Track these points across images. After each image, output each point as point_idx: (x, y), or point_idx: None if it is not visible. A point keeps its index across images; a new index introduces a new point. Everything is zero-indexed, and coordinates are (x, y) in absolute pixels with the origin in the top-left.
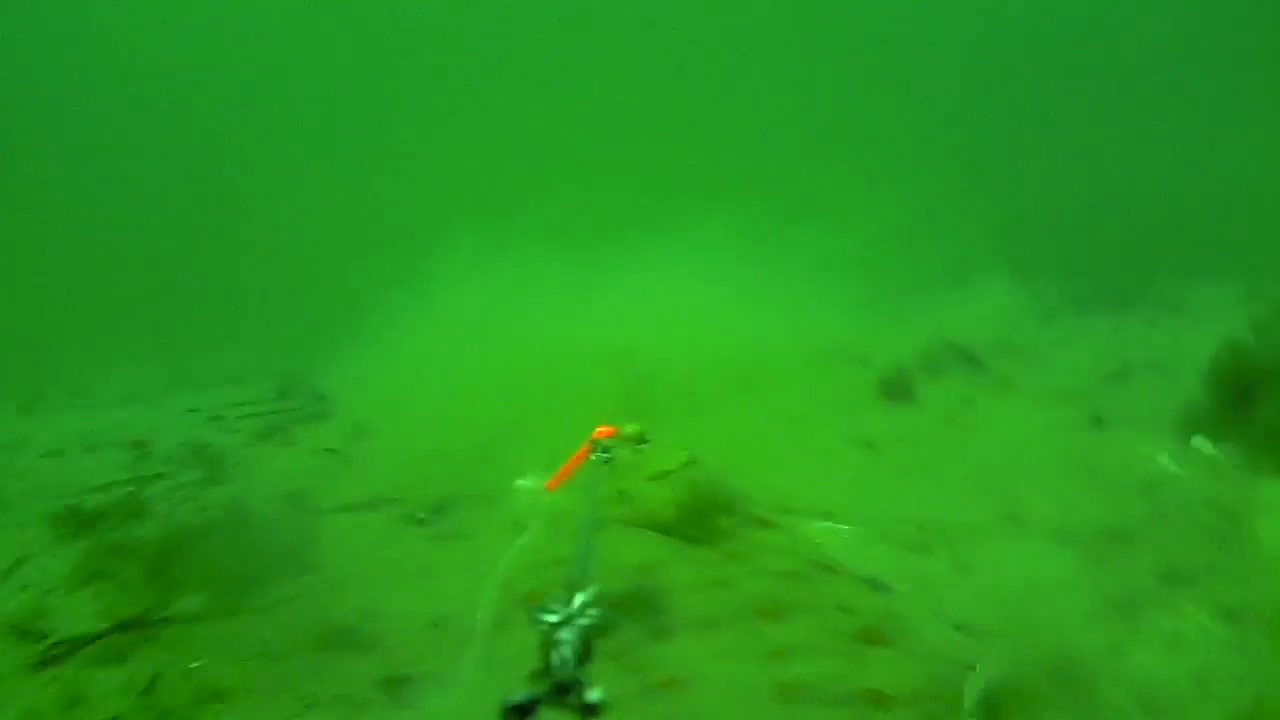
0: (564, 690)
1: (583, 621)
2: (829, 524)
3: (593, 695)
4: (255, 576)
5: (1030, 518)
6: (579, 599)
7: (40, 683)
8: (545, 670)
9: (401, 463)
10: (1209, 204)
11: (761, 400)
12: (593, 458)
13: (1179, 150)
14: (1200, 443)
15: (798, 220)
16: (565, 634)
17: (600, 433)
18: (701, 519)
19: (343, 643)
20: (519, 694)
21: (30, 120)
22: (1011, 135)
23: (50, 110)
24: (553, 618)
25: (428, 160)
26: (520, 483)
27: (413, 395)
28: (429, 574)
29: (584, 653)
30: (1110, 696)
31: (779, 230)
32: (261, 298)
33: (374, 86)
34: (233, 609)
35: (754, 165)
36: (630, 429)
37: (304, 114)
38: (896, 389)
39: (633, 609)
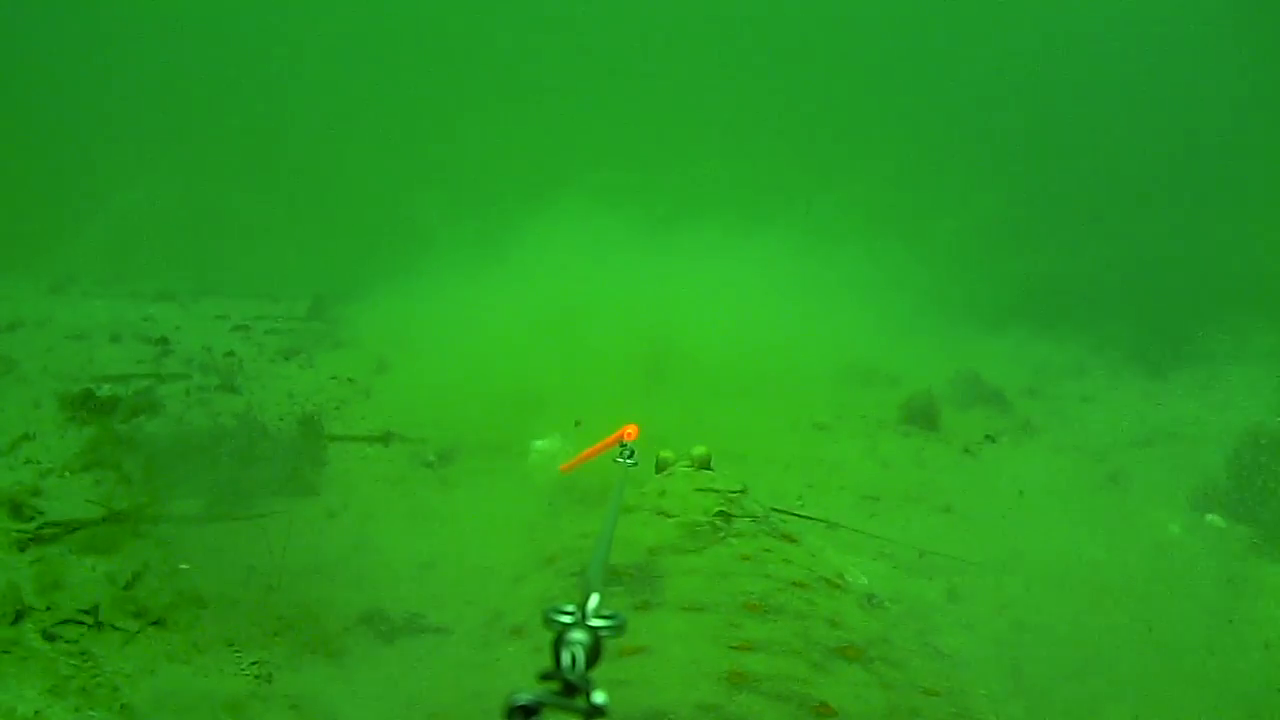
0: (572, 692)
1: (596, 624)
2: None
3: (599, 698)
4: (256, 490)
5: (1032, 561)
6: (593, 601)
7: (24, 560)
8: (555, 670)
9: (418, 404)
10: (1255, 285)
11: (785, 404)
12: (617, 460)
13: (1231, 228)
14: (1214, 520)
15: (847, 239)
16: (578, 635)
17: (628, 431)
18: (727, 521)
19: (330, 571)
20: (526, 694)
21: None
22: (1071, 193)
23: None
24: (567, 618)
25: (502, 116)
26: (538, 444)
27: (439, 340)
28: (427, 516)
29: (594, 655)
30: None
31: (829, 245)
32: (306, 220)
33: (450, 29)
34: (228, 518)
35: (816, 180)
36: (698, 451)
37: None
38: (921, 415)
39: (630, 580)
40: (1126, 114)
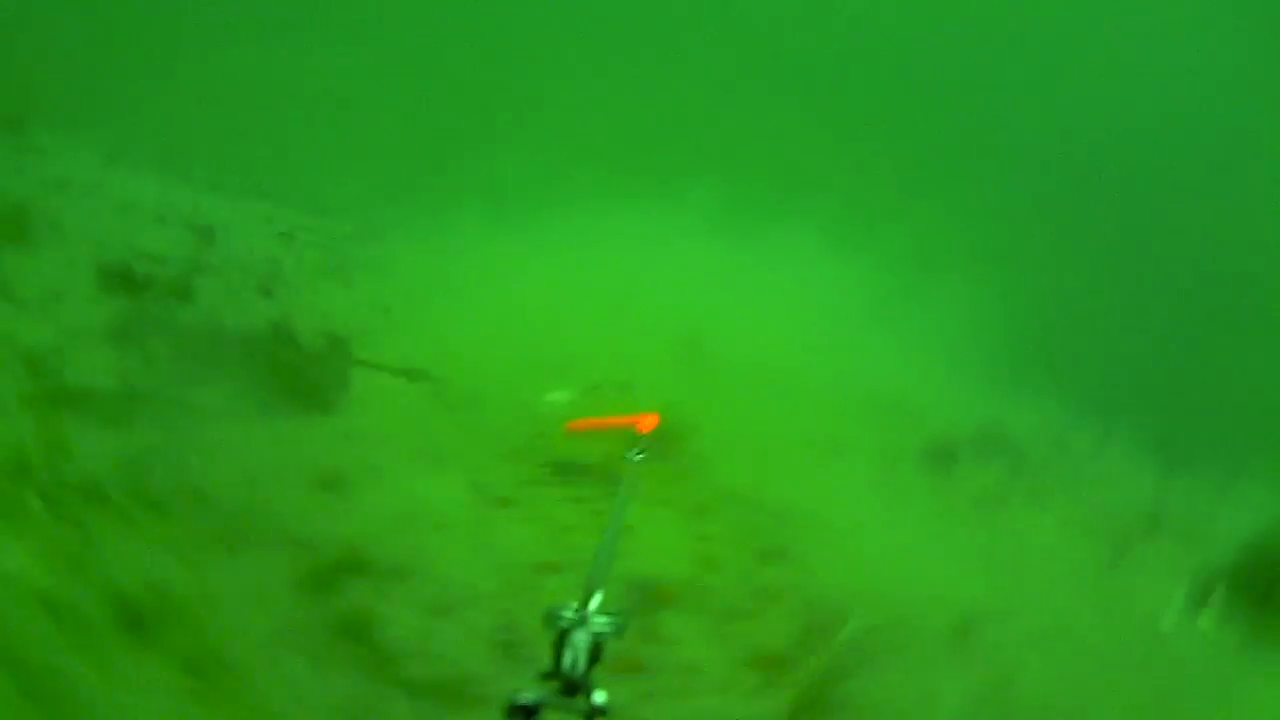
0: (573, 691)
1: (597, 624)
2: None
3: (599, 698)
4: (276, 398)
5: (1020, 624)
6: (595, 601)
7: (33, 419)
8: (556, 670)
9: (447, 343)
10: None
11: (797, 418)
12: (626, 455)
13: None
14: (1210, 615)
15: (885, 266)
16: (580, 635)
17: (646, 421)
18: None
19: (331, 489)
20: (527, 694)
21: None
22: (1113, 265)
23: None
24: (568, 618)
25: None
26: (550, 397)
27: (478, 285)
28: (435, 455)
29: (595, 656)
30: None
31: (867, 270)
32: (366, 140)
33: None
34: (245, 419)
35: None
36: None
37: None
38: (937, 457)
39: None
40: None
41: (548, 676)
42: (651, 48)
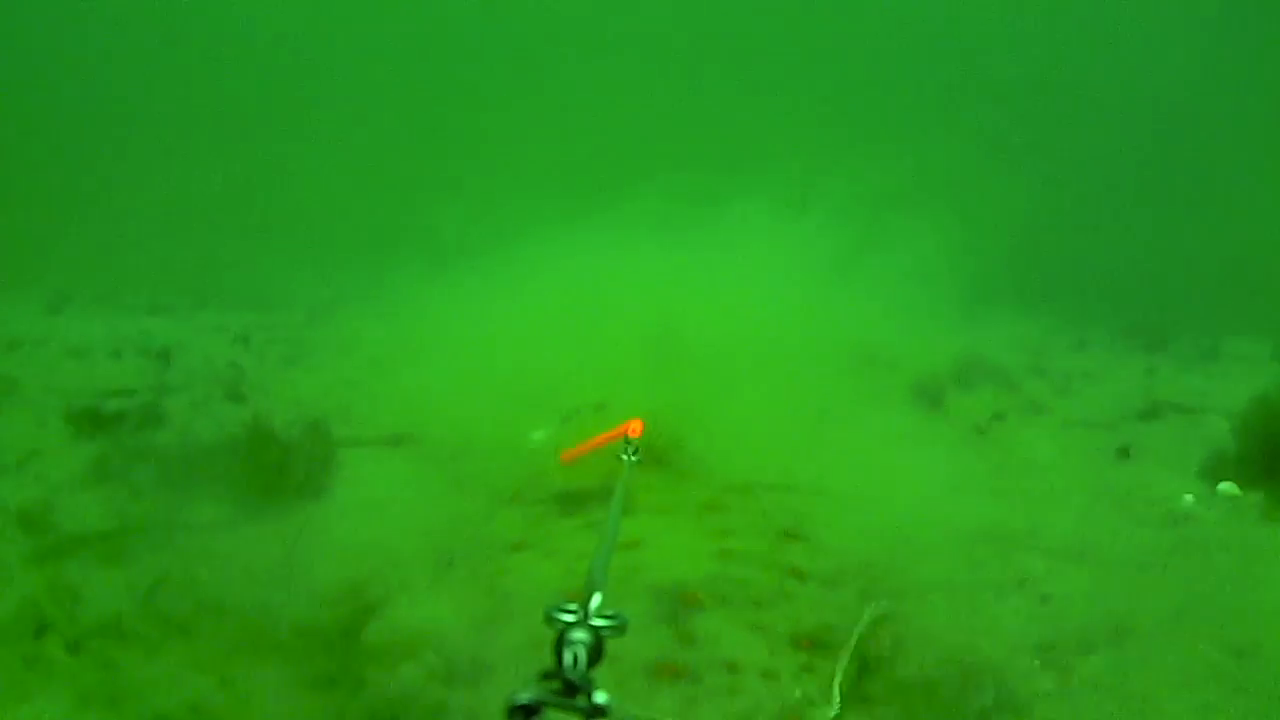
0: (573, 691)
1: (598, 623)
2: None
3: (600, 697)
4: (268, 497)
5: (1048, 535)
6: (596, 599)
7: (41, 576)
8: (557, 670)
9: (424, 404)
10: (1253, 258)
11: (783, 392)
12: (621, 457)
13: (1229, 205)
14: (1226, 488)
15: (839, 222)
16: (580, 634)
17: (633, 427)
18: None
19: (341, 569)
20: (527, 693)
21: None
22: (1061, 171)
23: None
24: (569, 617)
25: (494, 117)
26: (535, 435)
27: (439, 338)
28: (438, 515)
29: (596, 654)
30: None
31: (821, 229)
32: (297, 228)
33: (444, 43)
34: (242, 525)
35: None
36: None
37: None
38: (927, 396)
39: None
40: (1138, 108)
41: (548, 676)
42: (573, 67)
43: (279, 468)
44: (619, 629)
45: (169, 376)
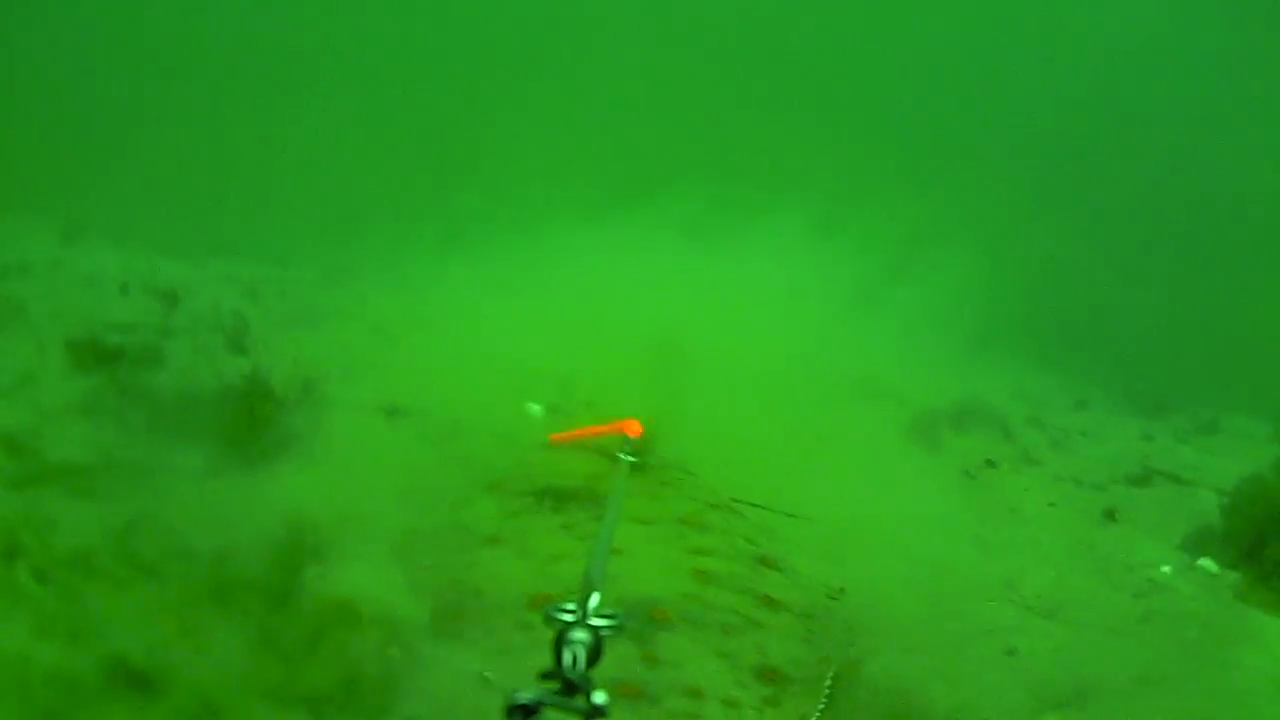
0: (572, 691)
1: (596, 622)
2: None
3: (599, 698)
4: (256, 450)
5: (1023, 586)
6: (594, 599)
7: (19, 499)
8: (556, 669)
9: (421, 377)
10: (1262, 336)
11: (781, 415)
12: (620, 455)
13: (1245, 279)
14: (1206, 564)
15: (857, 250)
16: (579, 634)
17: (631, 426)
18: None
19: (316, 544)
20: (526, 693)
21: None
22: (1079, 227)
23: None
24: (568, 616)
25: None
26: (531, 407)
27: (445, 316)
28: (420, 494)
29: (595, 654)
30: None
31: (839, 255)
32: (320, 185)
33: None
34: (226, 475)
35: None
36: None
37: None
38: (923, 434)
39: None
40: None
41: (547, 676)
42: (604, 62)
43: (270, 422)
44: (618, 629)
45: (174, 319)
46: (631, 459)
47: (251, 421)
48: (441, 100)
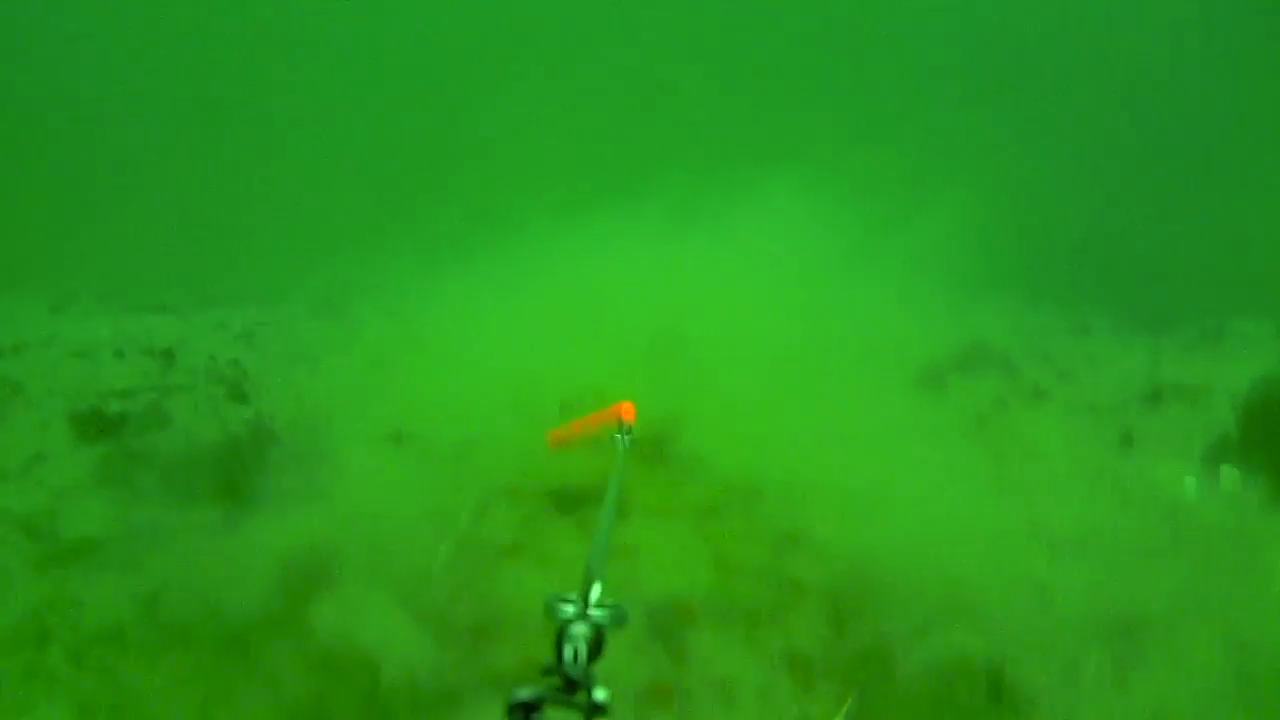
0: (573, 687)
1: (598, 616)
2: None
3: (599, 694)
4: (272, 498)
5: (1049, 525)
6: (596, 592)
7: (44, 583)
8: (557, 665)
9: (424, 399)
10: (1255, 238)
11: (785, 380)
12: (615, 436)
13: (1231, 187)
14: (1228, 472)
15: (838, 207)
16: (580, 628)
17: (625, 409)
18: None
19: (345, 574)
20: (527, 691)
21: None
22: (1064, 156)
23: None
24: (569, 609)
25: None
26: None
27: (441, 334)
28: (438, 515)
29: (596, 649)
30: (1115, 709)
31: (819, 214)
32: (300, 222)
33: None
34: (245, 528)
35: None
36: None
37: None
38: (929, 383)
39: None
40: (1144, 90)
41: (548, 672)
42: (580, 60)
43: (279, 468)
44: (619, 620)
45: (172, 376)
46: (626, 441)
47: (261, 469)
48: (414, 116)
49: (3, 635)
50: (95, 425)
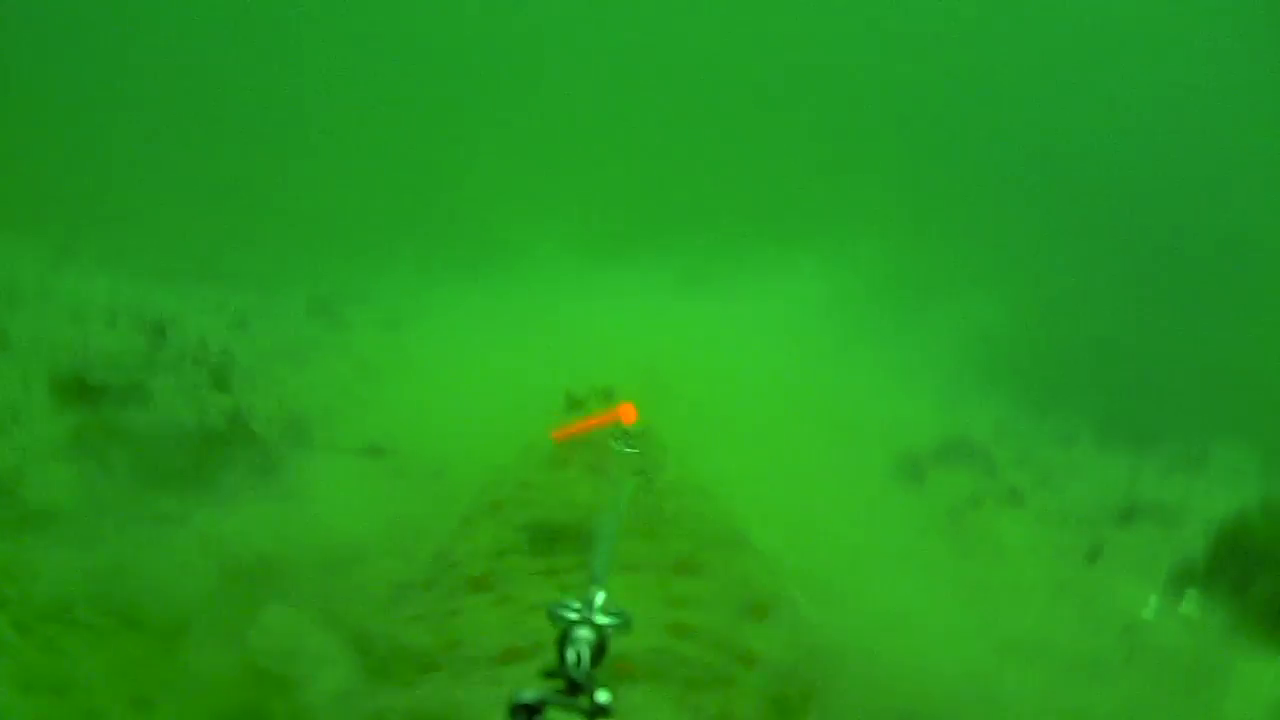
0: (576, 690)
1: (600, 620)
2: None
3: (602, 696)
4: (238, 494)
5: (1004, 628)
6: (598, 597)
7: (2, 547)
8: (560, 668)
9: (406, 415)
10: (1252, 366)
11: (768, 435)
12: (615, 444)
13: (1236, 309)
14: (1190, 601)
15: (844, 292)
16: (583, 632)
17: (625, 411)
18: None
19: (289, 586)
20: (529, 693)
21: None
22: (1069, 261)
23: None
24: (572, 615)
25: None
26: None
27: (431, 352)
28: (404, 535)
29: (599, 652)
30: None
31: (813, 291)
32: (311, 212)
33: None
34: (208, 520)
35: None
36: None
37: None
38: (908, 469)
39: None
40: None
41: (551, 674)
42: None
43: (251, 466)
44: (624, 626)
45: (160, 354)
46: (629, 450)
47: (234, 464)
48: (430, 136)
49: None
50: (75, 392)
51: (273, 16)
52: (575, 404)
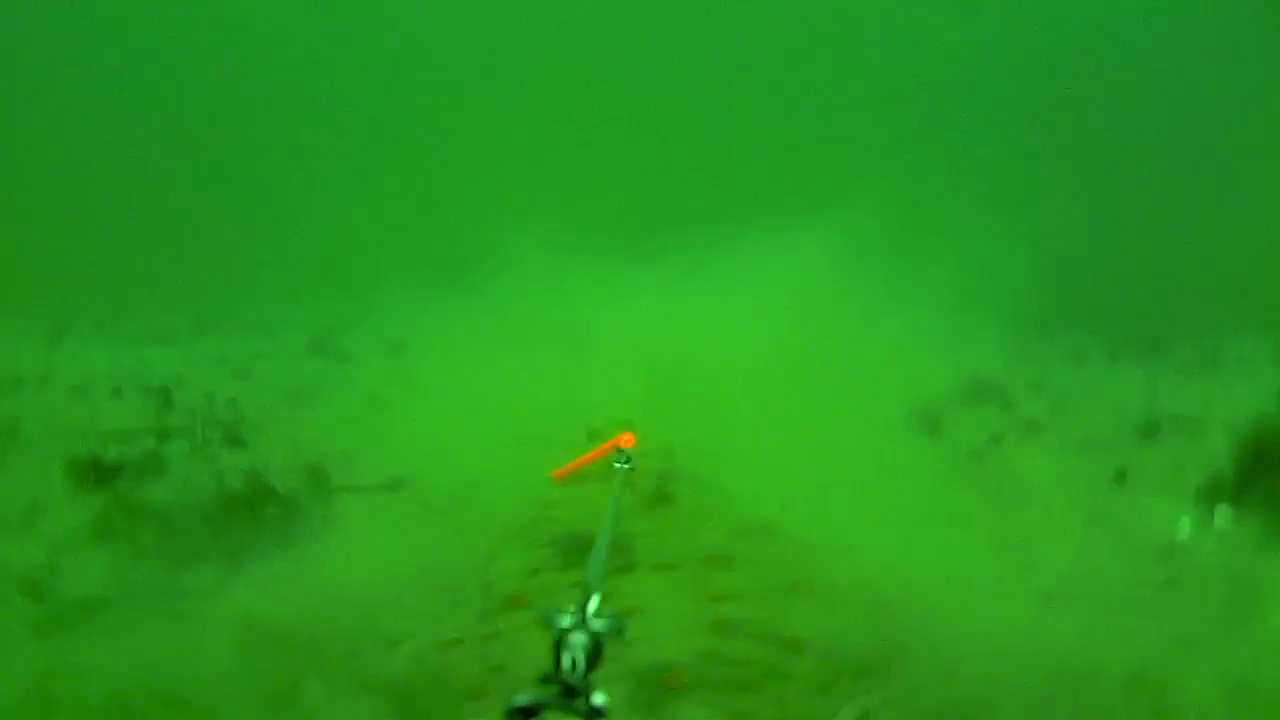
0: (572, 694)
1: (596, 626)
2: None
3: (598, 699)
4: (267, 554)
5: (1043, 571)
6: (594, 603)
7: (46, 649)
8: (555, 673)
9: (422, 443)
10: (1250, 257)
11: (781, 415)
12: (615, 465)
13: (1224, 204)
14: (1222, 512)
15: (841, 240)
16: (578, 637)
17: (624, 440)
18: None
19: (351, 638)
20: (525, 697)
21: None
22: (1055, 180)
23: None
24: (567, 621)
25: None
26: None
27: (439, 371)
28: (436, 566)
29: (594, 657)
30: None
31: (822, 246)
32: (299, 252)
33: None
34: (242, 588)
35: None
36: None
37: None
38: (924, 419)
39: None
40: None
41: (547, 679)
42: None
43: (276, 524)
44: (618, 630)
45: (169, 418)
46: (627, 467)
47: (258, 523)
48: (418, 153)
49: (9, 705)
50: (93, 473)
51: (245, 55)
52: (594, 435)
